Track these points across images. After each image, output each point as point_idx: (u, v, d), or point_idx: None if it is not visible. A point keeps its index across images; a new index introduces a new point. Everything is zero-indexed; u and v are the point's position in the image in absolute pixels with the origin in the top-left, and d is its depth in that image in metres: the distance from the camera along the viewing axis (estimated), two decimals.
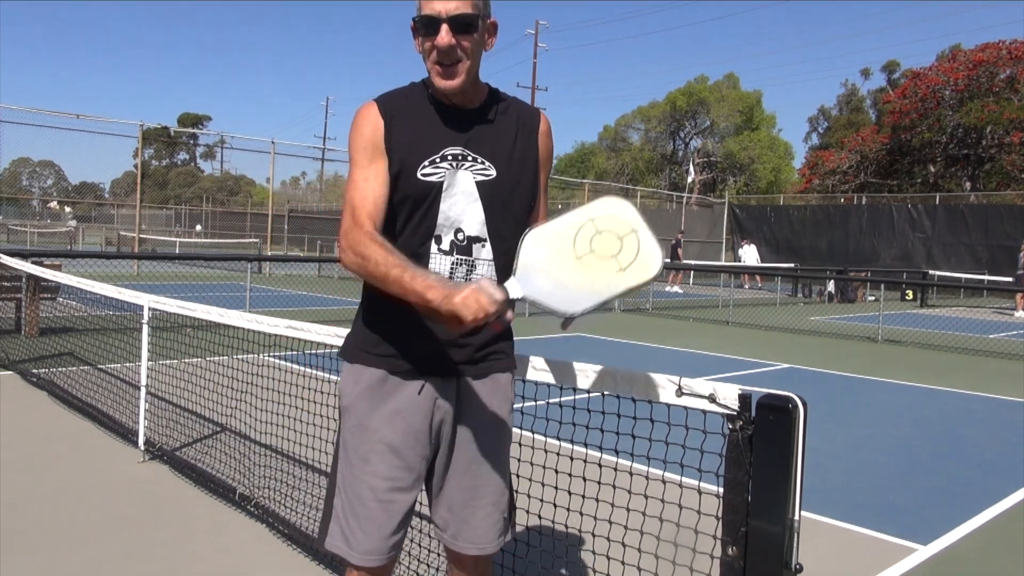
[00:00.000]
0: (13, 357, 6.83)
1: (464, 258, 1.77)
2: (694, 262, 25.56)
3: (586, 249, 1.45)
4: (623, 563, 2.26)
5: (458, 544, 1.88)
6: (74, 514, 3.40)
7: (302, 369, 5.09)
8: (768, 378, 7.88)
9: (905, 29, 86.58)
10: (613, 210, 1.51)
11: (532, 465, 2.45)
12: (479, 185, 1.76)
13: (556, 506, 2.46)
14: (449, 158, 1.75)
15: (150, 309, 4.30)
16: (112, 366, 6.43)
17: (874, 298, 20.43)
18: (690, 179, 36.89)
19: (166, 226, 46.19)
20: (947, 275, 23.16)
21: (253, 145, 23.97)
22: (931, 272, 23.36)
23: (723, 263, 27.30)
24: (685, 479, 2.10)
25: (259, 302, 11.55)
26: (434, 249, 1.76)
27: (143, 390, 4.32)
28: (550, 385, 2.03)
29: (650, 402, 1.81)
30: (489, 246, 1.78)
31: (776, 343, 10.93)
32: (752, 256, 24.21)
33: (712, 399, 1.66)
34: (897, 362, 9.48)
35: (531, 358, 2.04)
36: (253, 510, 3.49)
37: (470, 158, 1.76)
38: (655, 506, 2.21)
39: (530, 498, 2.58)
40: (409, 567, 2.89)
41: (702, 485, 1.96)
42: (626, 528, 2.27)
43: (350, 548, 1.79)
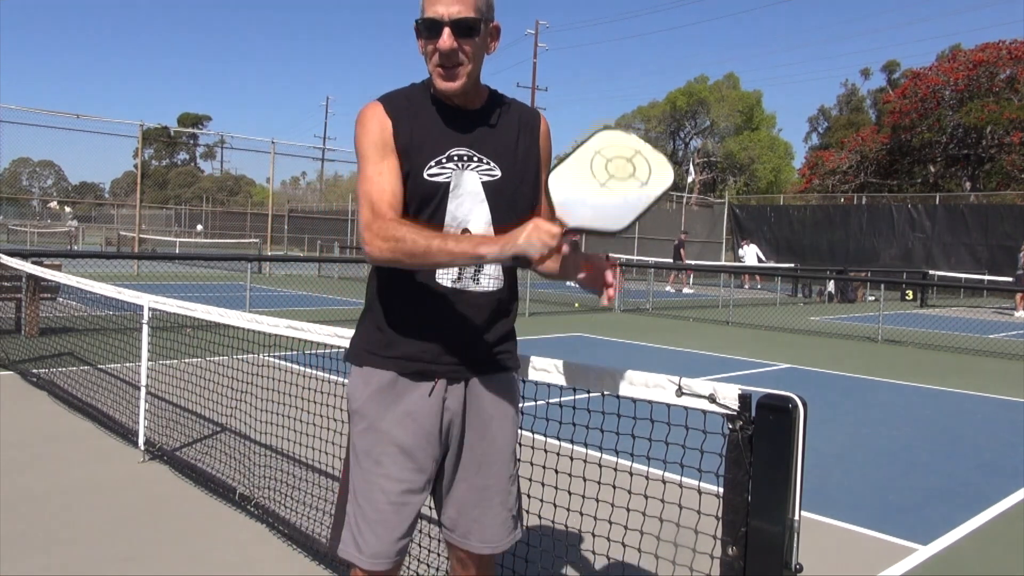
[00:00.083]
0: (13, 357, 6.83)
1: None
2: (694, 262, 25.56)
3: (605, 176, 1.55)
4: (623, 563, 2.26)
5: (469, 543, 1.87)
6: (74, 514, 3.40)
7: (302, 369, 5.09)
8: (768, 378, 7.88)
9: (905, 29, 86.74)
10: (611, 139, 1.60)
11: (532, 465, 2.45)
12: (485, 185, 1.77)
13: (556, 506, 2.45)
14: (455, 158, 1.75)
15: (150, 309, 4.30)
16: (112, 366, 6.43)
17: (874, 298, 20.42)
18: (690, 179, 36.91)
19: (166, 226, 46.19)
20: (947, 275, 23.15)
21: (253, 145, 23.97)
22: (931, 272, 23.34)
23: (723, 263, 27.29)
24: (685, 479, 2.10)
25: (259, 302, 11.54)
26: None
27: (143, 390, 4.32)
28: (550, 385, 2.03)
29: (650, 402, 1.81)
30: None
31: (776, 343, 10.93)
32: (753, 256, 24.20)
33: (712, 399, 1.66)
34: (897, 362, 9.48)
35: (531, 358, 2.04)
36: (253, 510, 3.49)
37: (475, 158, 1.77)
38: (655, 506, 2.21)
39: (530, 498, 2.57)
40: (409, 567, 2.89)
41: (702, 485, 1.97)
42: (626, 528, 2.26)
43: (360, 552, 1.78)
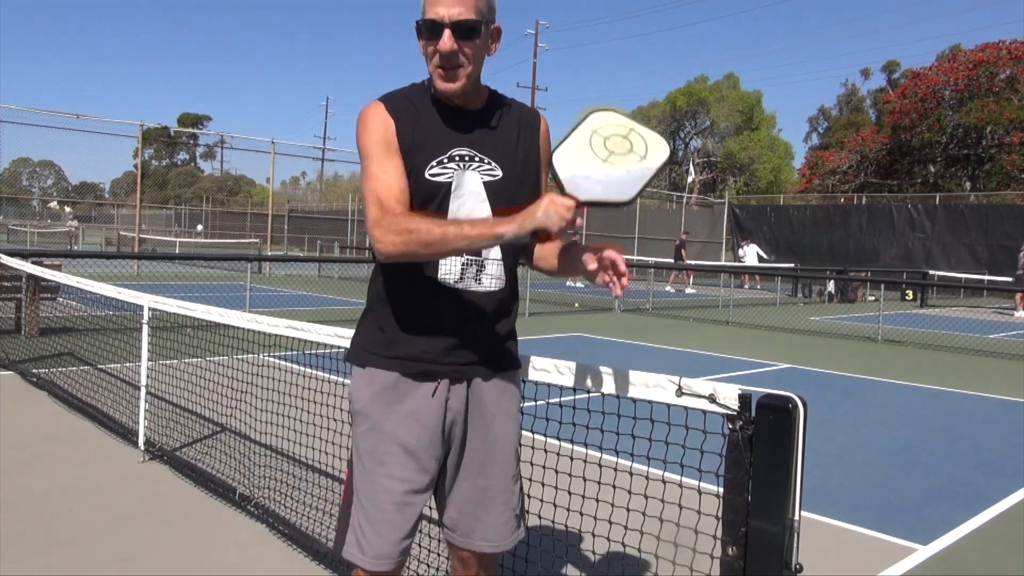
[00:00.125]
0: (13, 357, 6.83)
1: (474, 258, 1.78)
2: (694, 262, 25.55)
3: (606, 153, 1.61)
4: (623, 563, 2.25)
5: (472, 543, 1.87)
6: (74, 514, 3.40)
7: (302, 369, 5.09)
8: (768, 378, 7.88)
9: (905, 29, 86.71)
10: (605, 119, 1.65)
11: (532, 465, 2.45)
12: (486, 185, 1.77)
13: (556, 506, 2.46)
14: (456, 158, 1.75)
15: (150, 309, 4.30)
16: (112, 366, 6.43)
17: (874, 298, 20.43)
18: (690, 179, 36.92)
19: (166, 226, 46.20)
20: (947, 275, 23.15)
21: (253, 145, 24.00)
22: (931, 272, 23.34)
23: (723, 263, 27.29)
24: (685, 479, 2.10)
25: (259, 302, 11.54)
26: None
27: (143, 390, 4.32)
28: (550, 385, 2.03)
29: (650, 402, 1.81)
30: (497, 245, 1.77)
31: (776, 343, 10.93)
32: (753, 256, 24.19)
33: (712, 399, 1.66)
34: (897, 362, 9.47)
35: (531, 358, 2.04)
36: (253, 510, 3.49)
37: (477, 158, 1.77)
38: (655, 506, 2.21)
39: (530, 498, 2.56)
40: (409, 567, 2.89)
41: (702, 485, 1.97)
42: (626, 528, 2.26)
43: (363, 553, 1.77)
